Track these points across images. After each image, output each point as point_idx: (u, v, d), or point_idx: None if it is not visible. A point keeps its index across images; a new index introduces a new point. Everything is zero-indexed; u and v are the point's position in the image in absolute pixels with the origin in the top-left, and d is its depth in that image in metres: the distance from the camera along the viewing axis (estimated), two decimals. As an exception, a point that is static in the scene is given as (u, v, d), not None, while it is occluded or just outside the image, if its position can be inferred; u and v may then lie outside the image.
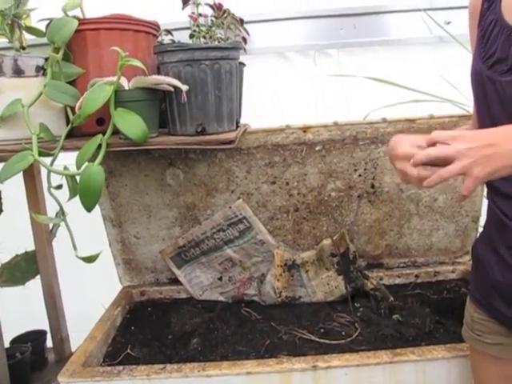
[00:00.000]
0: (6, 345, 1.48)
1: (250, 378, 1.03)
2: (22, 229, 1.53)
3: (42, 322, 1.62)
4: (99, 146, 1.01)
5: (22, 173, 1.47)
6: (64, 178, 1.09)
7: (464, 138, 0.70)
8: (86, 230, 1.57)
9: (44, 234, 1.53)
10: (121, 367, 1.08)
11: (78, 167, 1.00)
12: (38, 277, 1.58)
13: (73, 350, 1.58)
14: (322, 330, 1.24)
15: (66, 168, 1.05)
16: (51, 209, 1.28)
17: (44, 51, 1.15)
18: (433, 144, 0.74)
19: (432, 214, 1.46)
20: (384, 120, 1.33)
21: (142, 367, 1.07)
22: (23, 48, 1.21)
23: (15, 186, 1.47)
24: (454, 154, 0.68)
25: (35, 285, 1.58)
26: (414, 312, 1.28)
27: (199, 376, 1.04)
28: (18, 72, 1.10)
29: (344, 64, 1.74)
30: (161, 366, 1.07)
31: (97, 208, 1.45)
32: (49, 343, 1.65)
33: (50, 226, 1.56)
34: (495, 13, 0.89)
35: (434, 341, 1.14)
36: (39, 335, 1.64)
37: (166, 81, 1.03)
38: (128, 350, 1.23)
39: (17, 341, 1.61)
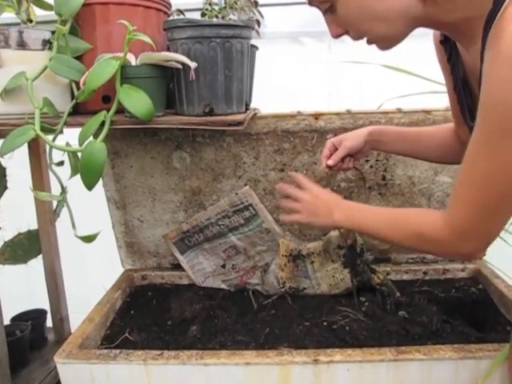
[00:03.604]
0: (7, 322, 1.47)
1: (248, 368, 1.01)
2: (26, 207, 1.52)
3: (42, 302, 1.61)
4: (103, 123, 0.98)
5: (27, 151, 1.46)
6: (66, 154, 1.06)
7: (305, 199, 1.02)
8: (90, 211, 1.55)
9: (48, 214, 1.52)
10: (117, 351, 1.06)
11: (81, 144, 0.97)
12: (41, 256, 1.57)
13: (72, 330, 1.57)
14: (325, 324, 1.21)
15: (68, 144, 1.02)
16: (56, 189, 1.26)
17: (53, 27, 1.12)
18: None
19: (444, 210, 1.41)
20: (399, 110, 1.29)
21: (138, 352, 1.05)
22: (30, 21, 1.18)
23: (21, 165, 1.46)
24: (295, 206, 1.03)
25: (37, 264, 1.57)
26: (420, 309, 1.24)
27: (197, 364, 1.01)
28: (24, 45, 1.07)
29: (360, 51, 1.69)
30: (158, 352, 1.04)
31: (101, 189, 1.44)
32: (49, 323, 1.65)
33: (54, 205, 1.55)
34: (455, 74, 0.90)
35: (441, 340, 1.10)
36: (39, 314, 1.63)
37: (174, 57, 1.00)
38: (126, 334, 1.21)
39: (17, 319, 1.60)
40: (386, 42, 0.83)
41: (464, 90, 0.89)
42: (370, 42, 0.83)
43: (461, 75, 0.88)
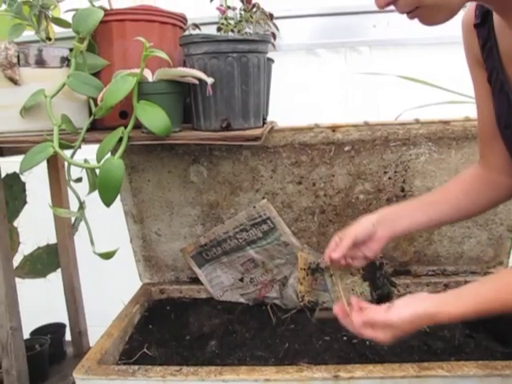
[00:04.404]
0: (26, 336, 1.47)
1: (268, 384, 0.99)
2: (46, 221, 1.53)
3: (62, 315, 1.62)
4: (120, 140, 0.99)
5: (46, 166, 1.47)
6: (84, 171, 1.07)
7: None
8: (108, 226, 1.56)
9: (66, 228, 1.53)
10: (136, 367, 1.05)
11: (99, 160, 0.98)
12: (59, 270, 1.58)
13: (91, 344, 1.57)
14: (345, 338, 1.20)
15: (86, 161, 1.03)
16: (75, 202, 1.27)
17: (71, 44, 1.13)
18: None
19: (464, 221, 1.39)
20: (417, 121, 1.27)
21: (157, 368, 1.04)
22: (49, 39, 1.20)
23: (40, 179, 1.48)
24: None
25: (56, 278, 1.58)
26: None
27: (216, 380, 1.00)
28: (43, 62, 1.09)
29: (376, 62, 1.69)
30: (177, 367, 1.04)
31: (119, 203, 1.44)
32: (68, 337, 1.65)
33: (72, 219, 1.56)
34: (493, 57, 0.83)
35: (464, 356, 1.08)
36: (58, 328, 1.64)
37: (191, 73, 1.00)
38: (144, 349, 1.21)
39: (36, 333, 1.62)
40: (438, 12, 0.71)
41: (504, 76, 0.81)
42: (415, 14, 0.73)
43: (498, 62, 0.81)
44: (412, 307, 0.83)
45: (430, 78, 1.51)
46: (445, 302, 0.82)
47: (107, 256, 1.04)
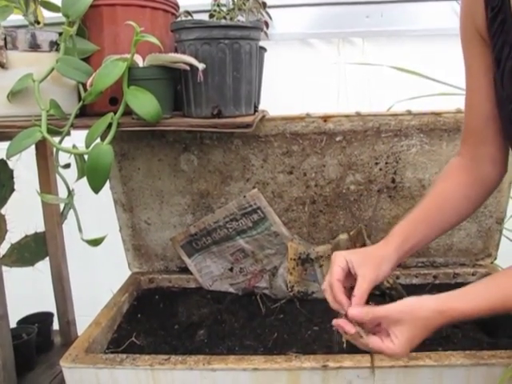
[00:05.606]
0: (13, 325, 1.46)
1: (256, 374, 0.99)
2: (34, 209, 1.51)
3: (49, 304, 1.61)
4: (110, 125, 0.97)
5: (34, 153, 1.45)
6: (73, 157, 1.05)
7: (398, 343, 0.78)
8: (98, 214, 1.55)
9: (55, 216, 1.51)
10: (124, 355, 1.05)
11: (87, 146, 0.96)
12: (48, 259, 1.56)
13: (79, 333, 1.56)
14: (334, 328, 1.19)
15: (74, 147, 1.01)
16: (64, 192, 1.26)
17: (61, 29, 1.11)
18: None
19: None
20: (409, 112, 1.27)
21: (145, 357, 1.04)
22: (38, 22, 1.18)
23: (28, 167, 1.46)
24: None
25: (45, 266, 1.57)
26: (431, 314, 1.22)
27: (204, 369, 1.00)
28: (31, 46, 1.07)
29: (369, 53, 1.68)
30: (165, 356, 1.03)
31: (109, 191, 1.43)
32: (56, 326, 1.64)
33: (61, 207, 1.54)
34: (505, 31, 0.75)
35: (452, 346, 1.08)
36: (46, 317, 1.62)
37: (182, 58, 0.99)
38: (133, 338, 1.20)
39: (24, 322, 1.60)
40: None
41: None
42: None
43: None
44: (414, 300, 0.76)
45: (423, 69, 1.50)
46: (452, 299, 0.75)
47: (95, 243, 1.03)
